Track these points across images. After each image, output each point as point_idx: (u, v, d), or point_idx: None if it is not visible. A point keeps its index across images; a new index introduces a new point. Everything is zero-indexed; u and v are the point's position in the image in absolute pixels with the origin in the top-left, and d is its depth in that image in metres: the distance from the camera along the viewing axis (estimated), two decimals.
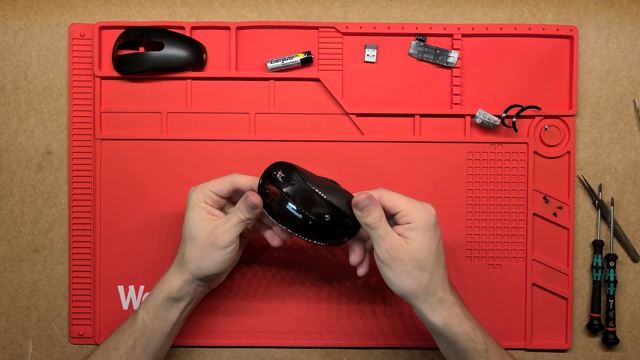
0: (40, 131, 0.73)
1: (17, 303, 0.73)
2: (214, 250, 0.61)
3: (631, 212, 0.73)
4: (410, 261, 0.59)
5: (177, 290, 0.62)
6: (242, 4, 0.73)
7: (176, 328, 0.65)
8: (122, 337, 0.64)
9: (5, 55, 0.73)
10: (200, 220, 0.61)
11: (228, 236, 0.61)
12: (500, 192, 0.72)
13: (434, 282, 0.60)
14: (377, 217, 0.59)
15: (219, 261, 0.61)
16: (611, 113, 0.73)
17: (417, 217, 0.59)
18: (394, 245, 0.59)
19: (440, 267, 0.60)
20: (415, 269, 0.59)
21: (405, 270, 0.59)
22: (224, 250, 0.61)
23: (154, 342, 0.63)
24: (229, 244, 0.61)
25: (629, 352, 0.73)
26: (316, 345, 0.72)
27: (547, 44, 0.72)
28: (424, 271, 0.59)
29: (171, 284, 0.63)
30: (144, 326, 0.63)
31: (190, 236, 0.62)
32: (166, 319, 0.63)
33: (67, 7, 0.73)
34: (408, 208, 0.59)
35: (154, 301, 0.63)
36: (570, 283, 0.72)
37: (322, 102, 0.72)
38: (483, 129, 0.72)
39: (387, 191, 0.61)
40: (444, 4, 0.73)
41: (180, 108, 0.72)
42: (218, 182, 0.63)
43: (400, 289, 0.60)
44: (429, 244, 0.59)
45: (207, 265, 0.61)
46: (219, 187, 0.62)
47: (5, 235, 0.73)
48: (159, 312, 0.63)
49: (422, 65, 0.72)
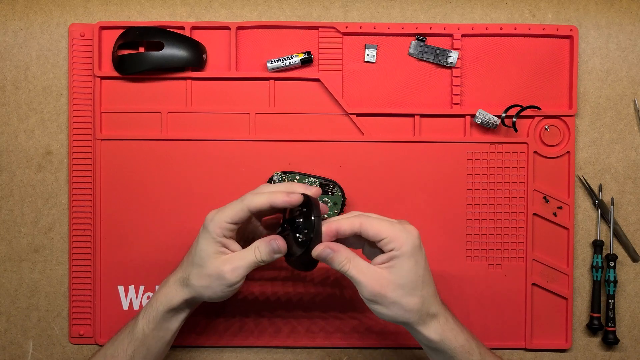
0: (40, 131, 0.73)
1: (17, 303, 0.73)
2: (220, 285, 0.59)
3: (631, 212, 0.73)
4: (397, 291, 0.56)
5: (178, 304, 0.62)
6: (242, 4, 0.73)
7: (176, 334, 0.65)
8: (120, 345, 0.63)
9: (5, 55, 0.73)
10: (212, 253, 0.59)
11: (235, 275, 0.59)
12: (500, 192, 0.72)
13: (425, 303, 0.58)
14: (343, 260, 0.57)
15: (223, 294, 0.60)
16: (611, 113, 0.73)
17: (403, 242, 0.56)
18: (374, 280, 0.56)
19: (429, 286, 0.58)
20: (405, 296, 0.56)
21: (394, 301, 0.56)
22: (230, 287, 0.59)
23: (153, 351, 0.63)
24: (235, 283, 0.59)
25: (629, 352, 0.73)
26: (316, 345, 0.73)
27: (547, 44, 0.72)
28: (414, 296, 0.57)
29: (173, 298, 0.62)
30: (144, 336, 0.62)
31: (199, 264, 0.60)
32: (167, 329, 0.63)
33: (67, 7, 0.73)
34: (392, 234, 0.56)
35: (155, 312, 0.62)
36: (570, 283, 0.72)
37: (322, 102, 0.72)
38: (483, 129, 0.72)
39: (367, 217, 0.58)
40: (444, 4, 0.73)
41: (180, 108, 0.72)
42: (233, 211, 0.59)
43: (393, 319, 0.58)
44: (415, 268, 0.57)
45: (210, 295, 0.60)
46: (236, 216, 0.59)
47: (5, 235, 0.73)
48: (159, 323, 0.62)
49: (422, 65, 0.72)
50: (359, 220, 0.57)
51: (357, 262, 0.57)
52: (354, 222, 0.57)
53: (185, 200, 0.72)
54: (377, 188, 0.72)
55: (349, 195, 0.71)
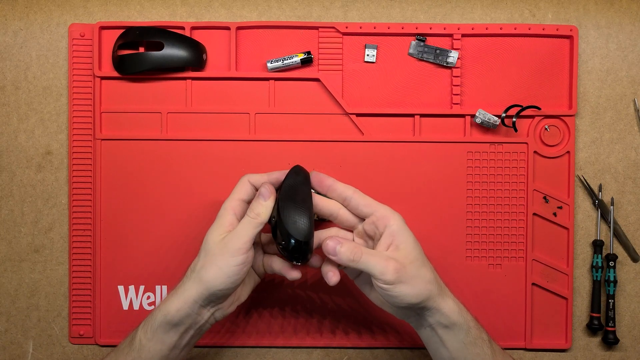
0: (40, 131, 0.73)
1: (17, 303, 0.73)
2: (223, 258, 0.58)
3: (631, 212, 0.73)
4: (414, 263, 0.58)
5: (176, 311, 0.59)
6: (242, 4, 0.73)
7: (176, 353, 0.62)
8: (120, 355, 0.62)
9: (5, 55, 0.73)
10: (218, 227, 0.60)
11: (238, 240, 0.58)
12: (500, 192, 0.72)
13: (435, 273, 0.60)
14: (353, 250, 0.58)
15: (226, 270, 0.58)
16: (611, 113, 0.73)
17: (396, 218, 0.60)
18: (389, 261, 0.57)
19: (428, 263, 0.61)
20: (421, 267, 0.59)
21: (414, 275, 0.58)
22: (233, 259, 0.58)
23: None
24: (240, 250, 0.58)
25: (629, 352, 0.73)
26: (316, 345, 0.73)
27: (547, 44, 0.72)
28: (427, 267, 0.60)
29: (170, 304, 0.60)
30: (141, 347, 0.61)
31: (205, 248, 0.60)
32: (163, 342, 0.60)
33: (67, 7, 0.73)
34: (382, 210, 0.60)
35: (152, 322, 0.61)
36: (570, 283, 0.72)
37: (322, 102, 0.72)
38: (483, 129, 0.72)
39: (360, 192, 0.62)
40: (444, 4, 0.73)
41: (180, 108, 0.72)
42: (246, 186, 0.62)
43: (418, 296, 0.58)
44: (415, 241, 0.60)
45: (214, 276, 0.58)
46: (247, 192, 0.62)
47: (5, 235, 0.73)
48: (156, 334, 0.60)
49: (422, 65, 0.72)
50: (351, 191, 0.61)
51: (367, 251, 0.59)
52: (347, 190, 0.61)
53: (185, 200, 0.72)
54: (377, 188, 0.72)
55: None
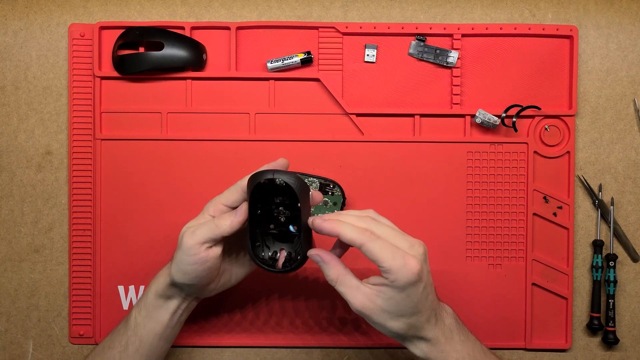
0: (40, 131, 0.73)
1: (17, 303, 0.73)
2: (178, 253, 0.59)
3: (631, 212, 0.73)
4: (382, 315, 0.55)
5: (164, 289, 0.62)
6: (242, 4, 0.73)
7: (170, 332, 0.64)
8: (116, 336, 0.64)
9: (5, 55, 0.73)
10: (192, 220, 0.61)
11: (191, 238, 0.58)
12: (500, 192, 0.72)
13: (413, 328, 0.57)
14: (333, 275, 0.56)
15: (181, 267, 0.59)
16: (611, 113, 0.73)
17: (398, 277, 0.54)
18: (361, 301, 0.55)
19: (421, 313, 0.56)
20: (389, 320, 0.56)
21: (378, 323, 0.56)
22: (187, 257, 0.58)
23: (146, 343, 0.63)
24: (191, 249, 0.58)
25: (629, 352, 0.73)
26: (316, 345, 0.73)
27: (547, 44, 0.72)
28: (399, 321, 0.56)
29: (159, 281, 0.62)
30: (136, 325, 0.63)
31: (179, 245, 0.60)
32: (157, 319, 0.63)
33: (67, 7, 0.73)
34: (390, 265, 0.53)
35: (145, 299, 0.63)
36: (570, 283, 0.72)
37: (322, 102, 0.72)
38: (483, 129, 0.72)
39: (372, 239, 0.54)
40: (444, 4, 0.73)
41: (180, 108, 0.72)
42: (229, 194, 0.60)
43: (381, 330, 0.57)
44: (406, 301, 0.55)
45: (173, 268, 0.60)
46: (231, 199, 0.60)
47: (5, 235, 0.73)
48: (150, 311, 0.62)
49: (422, 65, 0.72)
50: (363, 239, 0.54)
51: (347, 279, 0.56)
52: (357, 239, 0.54)
53: (185, 200, 0.72)
54: (377, 188, 0.72)
55: (348, 195, 0.71)
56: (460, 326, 0.61)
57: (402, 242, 0.55)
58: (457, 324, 0.60)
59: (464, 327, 0.61)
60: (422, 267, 0.55)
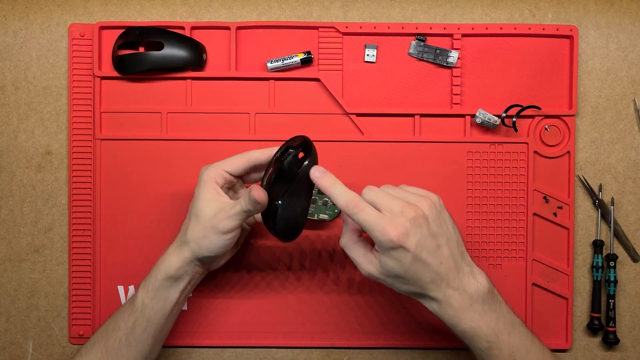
0: (40, 131, 0.73)
1: (17, 303, 0.73)
2: (214, 234, 0.60)
3: (631, 212, 0.73)
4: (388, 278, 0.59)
5: (176, 269, 0.62)
6: (242, 4, 0.73)
7: (176, 309, 0.64)
8: (121, 317, 0.63)
9: (5, 55, 0.73)
10: (209, 199, 0.61)
11: (229, 223, 0.60)
12: (500, 192, 0.72)
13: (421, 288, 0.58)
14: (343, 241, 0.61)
15: (219, 244, 0.61)
16: (611, 113, 0.73)
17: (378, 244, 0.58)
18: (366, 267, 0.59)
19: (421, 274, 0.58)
20: (395, 282, 0.59)
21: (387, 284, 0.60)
22: (224, 236, 0.60)
23: (154, 323, 0.62)
24: (229, 231, 0.60)
25: (629, 352, 0.73)
26: (316, 345, 0.72)
27: (547, 44, 0.72)
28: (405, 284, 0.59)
29: (170, 262, 0.62)
30: (144, 306, 0.62)
31: (196, 214, 0.61)
32: (166, 299, 0.62)
33: (67, 7, 0.73)
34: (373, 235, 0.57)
35: (153, 281, 0.62)
36: (571, 283, 0.72)
37: (322, 102, 0.72)
38: (483, 129, 0.72)
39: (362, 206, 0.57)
40: (444, 4, 0.73)
41: (180, 108, 0.72)
42: (233, 161, 0.62)
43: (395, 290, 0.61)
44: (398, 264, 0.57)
45: (206, 246, 0.61)
46: (234, 166, 0.62)
47: (5, 235, 0.73)
48: (158, 292, 0.62)
49: (422, 65, 0.72)
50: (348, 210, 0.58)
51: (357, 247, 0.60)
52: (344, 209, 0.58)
53: (185, 200, 0.71)
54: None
55: None
56: (491, 298, 0.60)
57: (394, 206, 0.57)
58: (488, 295, 0.59)
59: (497, 300, 0.60)
60: (406, 231, 0.56)
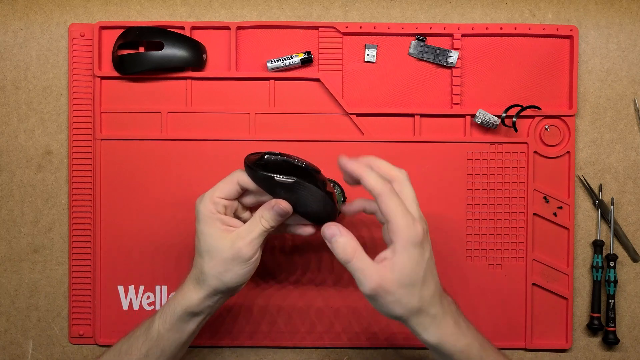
0: (40, 131, 0.73)
1: (17, 303, 0.73)
2: (237, 264, 0.58)
3: (631, 212, 0.73)
4: (399, 289, 0.54)
5: (197, 305, 0.60)
6: (242, 4, 0.73)
7: (191, 338, 0.63)
8: (135, 342, 0.62)
9: (5, 55, 0.73)
10: (217, 233, 0.58)
11: (251, 248, 0.58)
12: (500, 192, 0.72)
13: (424, 302, 0.56)
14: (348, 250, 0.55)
15: (243, 273, 0.58)
16: (611, 113, 0.73)
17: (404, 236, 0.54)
18: (375, 278, 0.54)
19: (429, 285, 0.56)
20: (404, 296, 0.55)
21: (394, 300, 0.55)
22: (248, 263, 0.58)
23: (168, 352, 0.62)
24: (253, 256, 0.58)
25: (629, 352, 0.73)
26: (316, 345, 0.72)
27: (547, 44, 0.72)
28: (412, 295, 0.55)
29: (191, 298, 0.60)
30: (159, 336, 0.61)
31: (208, 250, 0.58)
32: (183, 331, 0.61)
33: (67, 7, 0.73)
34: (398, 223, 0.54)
35: (172, 313, 0.61)
36: (571, 283, 0.72)
37: (322, 102, 0.72)
38: (483, 129, 0.72)
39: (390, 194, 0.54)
40: (444, 4, 0.73)
41: (180, 108, 0.72)
42: (224, 185, 0.59)
43: (390, 315, 0.56)
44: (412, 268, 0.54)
45: (230, 279, 0.58)
46: (226, 191, 0.59)
47: (5, 235, 0.73)
48: (176, 324, 0.61)
49: (422, 65, 0.72)
50: (384, 190, 0.54)
51: (360, 256, 0.55)
52: (378, 187, 0.54)
53: (185, 200, 0.72)
54: None
55: (349, 195, 0.71)
56: (463, 315, 0.60)
57: (415, 210, 0.56)
58: (460, 313, 0.60)
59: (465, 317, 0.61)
60: (425, 236, 0.56)
